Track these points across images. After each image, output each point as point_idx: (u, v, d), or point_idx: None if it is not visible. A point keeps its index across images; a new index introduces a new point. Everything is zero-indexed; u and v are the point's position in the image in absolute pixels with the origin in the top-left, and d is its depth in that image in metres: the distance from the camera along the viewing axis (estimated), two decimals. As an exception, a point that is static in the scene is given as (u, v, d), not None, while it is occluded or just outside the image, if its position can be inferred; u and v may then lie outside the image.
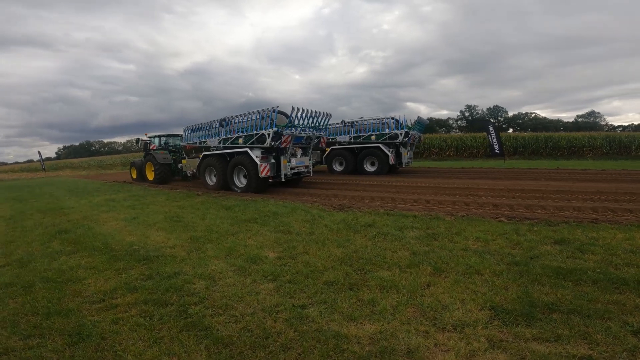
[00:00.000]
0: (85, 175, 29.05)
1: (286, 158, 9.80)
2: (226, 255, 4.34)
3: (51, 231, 6.14)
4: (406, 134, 13.61)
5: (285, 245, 4.70)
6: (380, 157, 13.86)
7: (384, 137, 13.93)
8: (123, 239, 5.34)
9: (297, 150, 10.38)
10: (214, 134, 11.18)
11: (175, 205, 8.27)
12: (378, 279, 3.38)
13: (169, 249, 4.68)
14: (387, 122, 14.06)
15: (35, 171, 39.38)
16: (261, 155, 9.48)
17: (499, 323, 2.57)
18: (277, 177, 9.84)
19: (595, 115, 65.58)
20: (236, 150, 10.16)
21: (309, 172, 10.96)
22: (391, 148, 13.87)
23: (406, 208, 7.16)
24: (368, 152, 14.15)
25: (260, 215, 6.61)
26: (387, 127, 14.03)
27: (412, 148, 15.18)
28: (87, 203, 9.60)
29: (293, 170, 10.11)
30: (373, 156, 14.10)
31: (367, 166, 14.30)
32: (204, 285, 3.44)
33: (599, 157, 24.72)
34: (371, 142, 14.13)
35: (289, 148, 9.77)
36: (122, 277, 3.70)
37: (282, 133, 9.38)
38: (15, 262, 4.46)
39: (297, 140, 10.03)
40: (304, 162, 10.62)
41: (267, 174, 9.47)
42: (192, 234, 5.38)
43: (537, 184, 10.13)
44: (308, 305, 2.94)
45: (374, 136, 14.11)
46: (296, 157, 10.32)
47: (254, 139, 9.73)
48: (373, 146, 14.01)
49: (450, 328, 2.54)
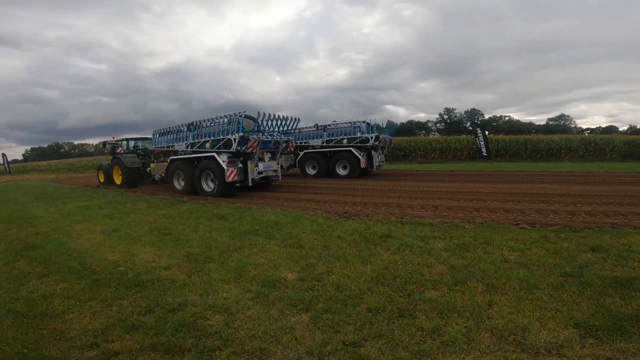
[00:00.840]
0: (54, 178, 26.98)
1: (253, 162, 9.79)
2: (236, 278, 3.65)
3: (16, 247, 5.22)
4: (376, 138, 13.66)
5: (302, 263, 4.08)
6: (352, 161, 13.89)
7: (355, 141, 13.95)
8: (104, 257, 4.52)
9: (265, 155, 10.36)
10: (182, 138, 11.03)
11: (160, 214, 7.41)
12: (428, 301, 2.97)
13: (164, 270, 3.92)
14: (359, 126, 14.08)
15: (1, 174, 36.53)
16: (228, 160, 9.44)
17: (594, 341, 2.37)
18: (244, 181, 9.80)
19: (565, 119, 68.54)
20: (203, 154, 10.06)
21: (278, 176, 11.01)
22: (362, 151, 13.92)
23: (417, 215, 6.71)
24: (340, 155, 14.20)
25: (261, 226, 5.92)
26: (358, 131, 14.05)
27: (384, 151, 15.34)
28: (58, 211, 8.55)
29: (261, 175, 10.14)
30: (345, 160, 14.13)
31: (340, 169, 14.36)
32: (221, 320, 2.76)
33: (575, 159, 25.52)
34: (343, 145, 14.17)
35: (256, 152, 9.75)
36: (112, 311, 2.95)
37: (248, 138, 9.37)
38: None
39: (265, 145, 10.05)
40: (272, 166, 10.62)
41: (234, 179, 9.44)
42: (188, 251, 4.63)
43: (535, 187, 9.97)
44: (362, 342, 2.44)
45: (345, 140, 14.16)
46: (264, 161, 10.31)
47: (221, 144, 9.68)
48: (345, 150, 14.06)
49: (545, 352, 2.27)
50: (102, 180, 15.34)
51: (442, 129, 66.42)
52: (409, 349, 2.35)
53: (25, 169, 39.23)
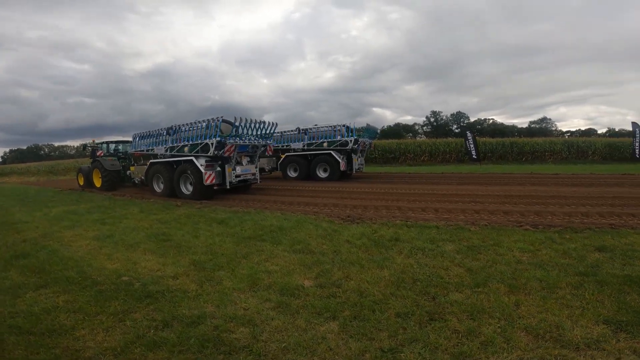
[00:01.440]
0: (35, 181, 25.92)
1: (231, 166, 9.98)
2: (250, 286, 3.46)
3: (5, 255, 4.88)
4: (355, 141, 13.86)
5: (316, 269, 3.93)
6: (332, 164, 14.07)
7: (335, 144, 14.14)
8: (103, 265, 4.25)
9: (243, 159, 10.58)
10: (161, 142, 11.17)
11: (155, 219, 7.12)
12: (455, 303, 2.98)
13: (172, 279, 3.70)
14: (339, 130, 14.28)
15: None
16: (206, 164, 9.59)
17: (626, 335, 2.45)
18: (222, 184, 9.99)
19: (546, 122, 70.31)
20: (182, 158, 10.22)
21: (256, 179, 11.24)
22: (342, 155, 14.12)
23: (420, 218, 6.67)
24: (320, 158, 14.37)
25: (264, 231, 5.73)
26: (339, 135, 14.24)
27: (363, 154, 15.56)
28: (43, 216, 8.11)
29: (239, 178, 10.33)
30: (325, 162, 14.30)
31: (320, 172, 14.51)
32: (247, 332, 2.58)
33: (559, 161, 26.18)
34: (323, 149, 14.37)
35: (233, 156, 9.95)
36: (127, 326, 2.71)
37: (225, 142, 9.54)
38: None
39: (243, 149, 10.29)
40: (250, 169, 10.84)
41: (212, 182, 9.63)
42: (193, 258, 4.41)
43: (527, 189, 10.10)
44: (399, 348, 2.40)
45: (325, 143, 14.36)
46: (242, 165, 10.52)
47: (199, 148, 9.82)
48: (325, 153, 14.25)
49: (584, 347, 2.34)
50: (81, 183, 15.16)
51: (429, 132, 67.30)
52: (448, 351, 2.35)
53: (4, 172, 37.55)
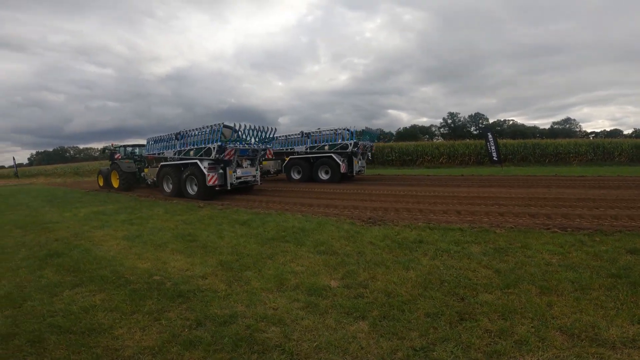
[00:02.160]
0: (61, 182, 26.82)
1: (232, 169, 10.61)
2: (278, 286, 3.50)
3: (39, 254, 5.06)
4: (355, 144, 14.22)
5: (342, 270, 3.94)
6: (333, 166, 14.46)
7: (336, 147, 14.52)
8: (134, 265, 4.37)
9: (243, 162, 11.24)
10: (170, 146, 11.99)
11: (180, 220, 7.27)
12: (485, 304, 2.98)
13: (201, 279, 3.77)
14: (341, 133, 14.62)
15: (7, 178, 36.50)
16: (209, 166, 10.28)
17: None
18: (224, 185, 10.64)
19: (570, 122, 68.00)
20: (188, 161, 11.02)
21: (257, 181, 11.81)
22: (343, 157, 14.50)
23: (442, 220, 6.60)
24: (322, 161, 14.79)
25: (287, 232, 5.77)
26: (340, 138, 14.59)
27: (365, 157, 15.87)
28: (73, 216, 8.40)
29: (239, 180, 10.96)
30: (327, 165, 14.70)
31: (322, 174, 14.91)
32: (278, 332, 2.61)
33: (584, 163, 25.27)
34: (324, 152, 14.78)
35: (234, 160, 10.57)
36: (162, 325, 2.77)
37: (225, 147, 10.19)
38: (3, 300, 3.42)
39: (244, 153, 10.94)
40: (251, 172, 11.47)
41: (215, 183, 10.34)
42: (220, 258, 4.48)
43: (553, 192, 9.81)
44: (431, 347, 2.42)
45: (327, 146, 14.74)
46: (242, 167, 11.14)
47: (203, 152, 10.55)
48: (326, 156, 14.65)
49: (621, 345, 2.34)
50: (101, 184, 16.25)
51: (446, 134, 66.27)
52: (481, 350, 2.35)
53: (31, 173, 39.14)
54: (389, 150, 27.59)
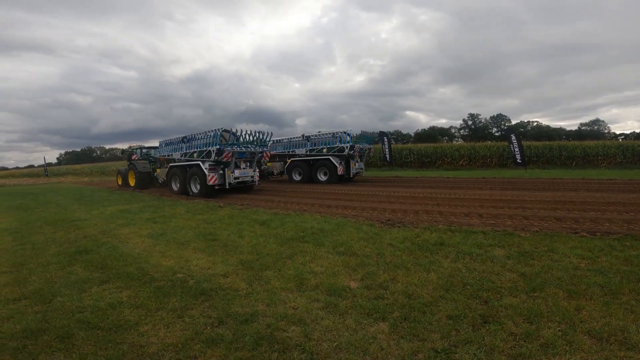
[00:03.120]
0: (88, 182, 27.90)
1: (230, 169, 11.58)
2: (297, 286, 3.51)
3: (68, 250, 5.26)
4: (351, 147, 14.72)
5: (361, 271, 3.92)
6: (331, 168, 15.03)
7: (334, 150, 15.12)
8: (159, 262, 4.48)
9: (241, 163, 12.15)
10: (178, 148, 13.07)
11: (201, 219, 7.41)
12: (510, 307, 2.92)
13: (222, 278, 3.83)
14: (340, 137, 15.13)
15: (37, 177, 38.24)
16: (209, 167, 11.30)
17: None
18: (223, 185, 11.61)
19: (599, 124, 65.15)
20: (192, 162, 12.05)
21: (254, 181, 12.72)
22: (341, 160, 15.02)
23: (464, 223, 6.46)
24: (321, 163, 15.42)
25: (306, 233, 5.79)
26: (338, 141, 15.11)
27: (362, 159, 16.44)
28: (100, 214, 8.71)
29: (237, 180, 11.93)
30: (325, 167, 15.31)
31: (321, 176, 15.52)
32: (298, 331, 2.62)
33: (612, 166, 24.18)
34: (323, 154, 15.42)
35: (231, 161, 11.50)
36: (185, 322, 2.82)
37: (223, 150, 11.11)
38: (34, 295, 3.55)
39: (241, 155, 11.83)
40: (248, 173, 12.39)
41: (215, 182, 11.35)
42: (240, 257, 4.54)
43: (581, 195, 9.44)
44: (452, 349, 2.39)
45: (325, 149, 15.37)
46: (240, 168, 12.07)
47: (204, 154, 11.58)
48: (324, 158, 15.27)
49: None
50: (120, 183, 17.49)
51: (467, 135, 64.88)
52: (505, 352, 2.32)
53: (60, 172, 40.86)
54: (407, 152, 27.23)
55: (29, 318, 3.03)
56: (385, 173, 22.32)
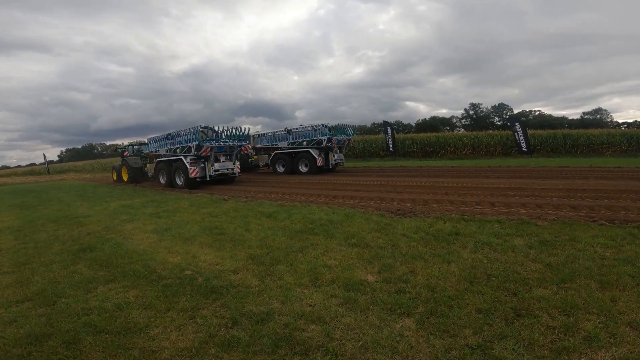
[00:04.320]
0: (90, 178, 27.60)
1: (210, 163, 12.50)
2: (312, 281, 3.35)
3: (72, 248, 5.10)
4: (329, 140, 15.34)
5: (377, 263, 3.76)
6: (310, 160, 15.68)
7: (313, 143, 15.79)
8: (165, 259, 4.32)
9: (220, 157, 12.94)
10: (164, 145, 13.99)
11: (206, 213, 7.25)
12: (542, 299, 2.79)
13: (232, 274, 3.66)
14: (320, 129, 15.70)
15: (39, 175, 38.05)
16: (191, 161, 12.27)
17: None
18: (204, 177, 12.52)
19: (601, 113, 64.38)
20: (176, 157, 13.04)
21: (235, 173, 13.55)
22: (320, 152, 15.66)
23: (478, 212, 6.30)
24: (301, 155, 16.10)
25: (315, 225, 5.62)
26: (319, 134, 15.69)
27: (342, 151, 17.08)
28: (103, 210, 8.56)
29: (217, 172, 12.80)
30: (305, 159, 15.96)
31: (302, 167, 16.18)
32: (319, 331, 2.46)
33: (617, 154, 23.86)
34: (303, 147, 16.08)
35: (211, 155, 12.41)
36: (197, 324, 2.64)
37: (202, 145, 12.06)
38: (37, 297, 3.39)
39: (220, 149, 12.68)
40: (228, 165, 13.22)
41: (196, 175, 12.31)
42: (249, 252, 4.38)
43: (591, 183, 9.22)
44: (488, 344, 2.26)
45: (305, 142, 16.07)
46: (219, 162, 12.90)
47: (185, 149, 12.57)
48: (304, 150, 15.93)
49: None
50: (115, 178, 18.33)
51: (468, 125, 64.38)
52: (546, 346, 2.22)
53: (62, 169, 40.61)
54: (410, 142, 26.96)
55: (33, 322, 2.85)
56: (389, 163, 22.08)
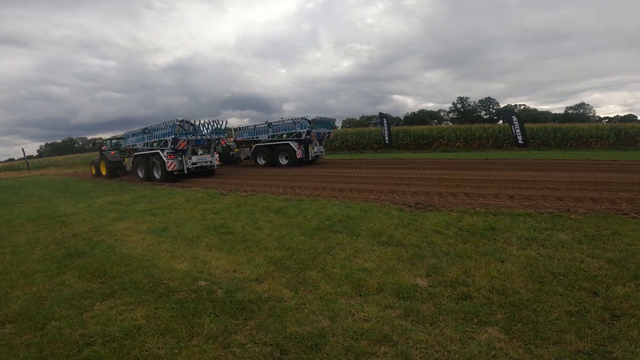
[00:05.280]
0: (72, 173, 25.94)
1: (187, 156, 12.51)
2: (355, 289, 2.82)
3: (56, 253, 4.39)
4: (308, 132, 15.27)
5: (421, 264, 3.30)
6: (290, 152, 15.66)
7: (292, 136, 15.74)
8: (170, 265, 3.68)
9: (198, 150, 12.97)
10: (141, 139, 13.98)
11: (205, 209, 6.59)
12: (629, 298, 2.54)
13: (256, 283, 3.08)
14: (300, 122, 15.60)
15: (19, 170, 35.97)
16: (168, 155, 12.24)
17: None
18: (182, 170, 12.47)
19: (584, 107, 65.85)
20: (153, 151, 13.00)
21: (213, 165, 13.58)
22: (300, 144, 15.60)
23: (501, 205, 5.97)
24: (281, 148, 16.12)
25: (332, 221, 5.10)
26: (299, 127, 15.57)
27: (322, 143, 17.08)
28: (88, 208, 7.76)
29: (195, 165, 12.82)
30: (285, 151, 15.96)
31: (282, 159, 16.16)
32: (393, 354, 1.99)
33: (605, 148, 24.23)
34: (283, 140, 16.06)
35: (188, 149, 12.42)
36: (236, 355, 2.05)
37: (178, 139, 12.00)
38: (20, 318, 2.71)
39: (198, 142, 12.74)
40: (206, 158, 13.24)
41: (174, 168, 12.28)
42: (268, 255, 3.80)
43: (597, 175, 8.95)
44: (601, 348, 2.02)
45: (285, 135, 16.00)
46: (197, 155, 12.91)
47: (162, 143, 12.51)
48: (284, 143, 15.93)
49: None
50: (93, 173, 18.12)
51: (456, 118, 64.81)
52: None
53: (42, 164, 38.48)
54: (404, 134, 26.67)
55: (21, 355, 2.21)
56: (384, 155, 21.68)
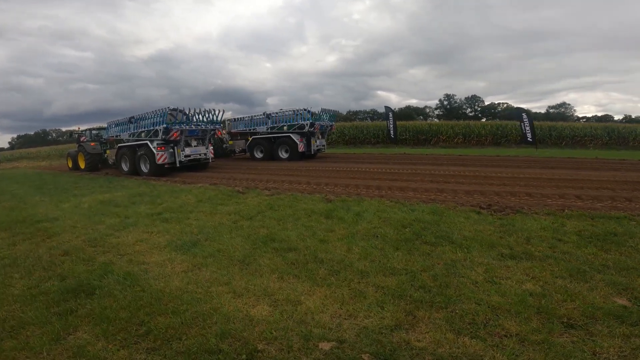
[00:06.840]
0: (47, 165, 23.25)
1: (180, 148, 11.36)
2: (547, 321, 1.73)
3: (48, 286, 2.99)
4: (311, 125, 14.53)
5: (592, 280, 2.24)
6: (291, 145, 14.82)
7: (294, 128, 14.93)
8: (245, 312, 2.42)
9: (192, 141, 11.88)
10: (126, 129, 12.80)
11: (231, 213, 5.25)
12: None
13: (404, 333, 1.90)
14: (301, 114, 14.94)
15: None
16: (158, 146, 11.06)
17: None
18: (173, 163, 11.38)
19: (565, 107, 67.85)
20: (141, 142, 11.82)
21: (208, 158, 12.52)
22: (302, 137, 14.80)
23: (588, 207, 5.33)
24: (282, 140, 15.22)
25: (413, 228, 4.13)
26: (300, 119, 14.85)
27: (324, 136, 16.35)
28: (74, 209, 6.21)
29: (188, 157, 11.67)
30: (286, 144, 15.07)
31: (282, 153, 15.24)
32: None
33: (599, 147, 24.70)
34: (284, 132, 15.21)
35: (180, 140, 11.27)
36: None
37: (171, 128, 10.88)
38: None
39: (192, 133, 11.62)
40: (200, 150, 12.14)
41: (164, 161, 11.14)
42: (376, 283, 2.69)
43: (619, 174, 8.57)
44: None
45: (285, 127, 15.20)
46: (191, 146, 11.83)
47: (152, 134, 11.36)
48: (285, 135, 15.07)
49: None
50: (70, 166, 16.54)
51: (442, 115, 65.23)
52: None
53: (14, 157, 35.03)
54: (403, 130, 26.07)
55: None
56: (388, 150, 20.75)
